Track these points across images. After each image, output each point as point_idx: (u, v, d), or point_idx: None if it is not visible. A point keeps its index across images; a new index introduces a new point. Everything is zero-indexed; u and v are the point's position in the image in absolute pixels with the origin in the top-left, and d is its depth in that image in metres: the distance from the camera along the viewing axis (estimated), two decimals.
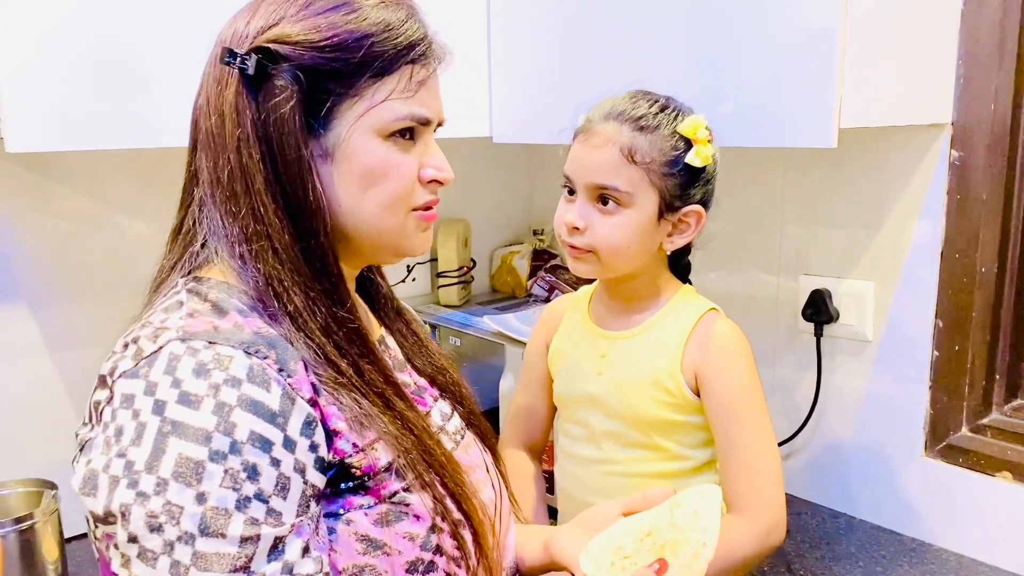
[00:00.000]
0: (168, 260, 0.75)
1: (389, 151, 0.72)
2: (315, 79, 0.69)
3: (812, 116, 0.99)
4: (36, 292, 1.27)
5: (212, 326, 0.66)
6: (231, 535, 0.59)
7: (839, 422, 1.35)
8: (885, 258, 1.27)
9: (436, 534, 0.70)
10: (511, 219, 1.89)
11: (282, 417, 0.63)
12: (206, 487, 0.59)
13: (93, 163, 1.29)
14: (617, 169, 0.96)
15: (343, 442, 0.67)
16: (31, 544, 1.09)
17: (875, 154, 1.25)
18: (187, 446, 0.60)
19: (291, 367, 0.65)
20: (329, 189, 0.71)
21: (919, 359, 1.25)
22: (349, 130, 0.70)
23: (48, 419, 1.28)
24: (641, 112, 0.97)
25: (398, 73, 0.71)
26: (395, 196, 0.73)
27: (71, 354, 1.30)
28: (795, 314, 1.37)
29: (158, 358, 0.63)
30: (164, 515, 0.59)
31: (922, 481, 1.27)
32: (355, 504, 0.68)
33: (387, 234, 0.74)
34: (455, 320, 1.60)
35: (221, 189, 0.70)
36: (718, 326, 1.01)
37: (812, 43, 0.97)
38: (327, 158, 0.70)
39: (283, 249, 0.69)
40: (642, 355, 1.02)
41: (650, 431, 1.02)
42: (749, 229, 1.42)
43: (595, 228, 0.98)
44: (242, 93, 0.69)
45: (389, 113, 0.71)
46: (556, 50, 1.28)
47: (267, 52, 0.68)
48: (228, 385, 0.62)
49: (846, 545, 1.27)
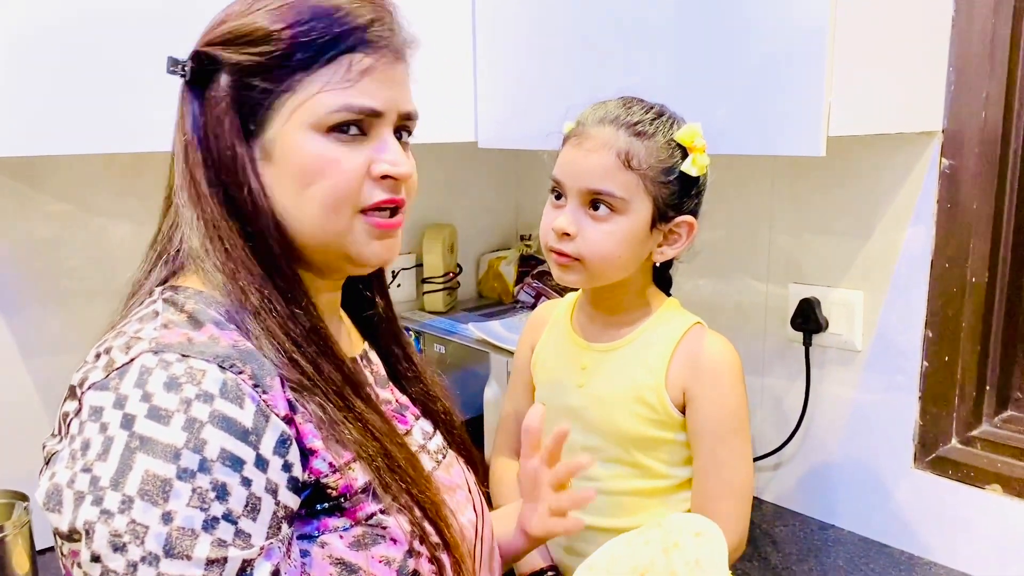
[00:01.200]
0: (144, 267, 0.74)
1: (326, 147, 0.68)
2: (244, 77, 0.68)
3: (800, 124, 0.97)
4: (9, 297, 1.24)
5: (186, 338, 0.63)
6: (197, 557, 0.57)
7: (828, 433, 1.34)
8: (875, 267, 1.25)
9: (413, 558, 0.68)
10: (498, 224, 1.87)
11: (255, 435, 0.61)
12: (172, 506, 0.57)
13: (71, 167, 1.26)
14: (612, 174, 0.94)
15: (319, 461, 0.65)
16: (1, 557, 1.06)
17: (865, 162, 1.24)
18: (154, 463, 0.57)
19: (267, 383, 0.63)
20: (270, 190, 0.69)
21: (909, 369, 1.23)
22: (283, 127, 0.68)
23: (21, 428, 1.25)
24: (637, 118, 0.95)
25: (334, 64, 0.67)
26: (335, 194, 0.68)
27: (46, 361, 1.27)
28: (784, 323, 1.35)
29: (129, 370, 0.61)
30: (128, 534, 0.56)
31: (911, 493, 1.25)
32: (330, 526, 0.66)
33: (332, 237, 0.70)
34: (440, 327, 1.58)
35: (183, 199, 0.70)
36: (709, 342, 0.99)
37: (800, 49, 0.96)
38: (267, 158, 0.69)
39: (232, 249, 0.68)
40: (624, 369, 1.00)
41: (630, 447, 1.00)
42: (738, 237, 1.40)
43: (586, 234, 0.95)
44: (185, 99, 0.70)
45: (322, 106, 0.67)
46: (542, 55, 1.26)
47: (201, 56, 0.69)
48: (200, 400, 0.59)
49: (834, 558, 1.26)
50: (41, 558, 1.15)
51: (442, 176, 1.73)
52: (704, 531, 0.74)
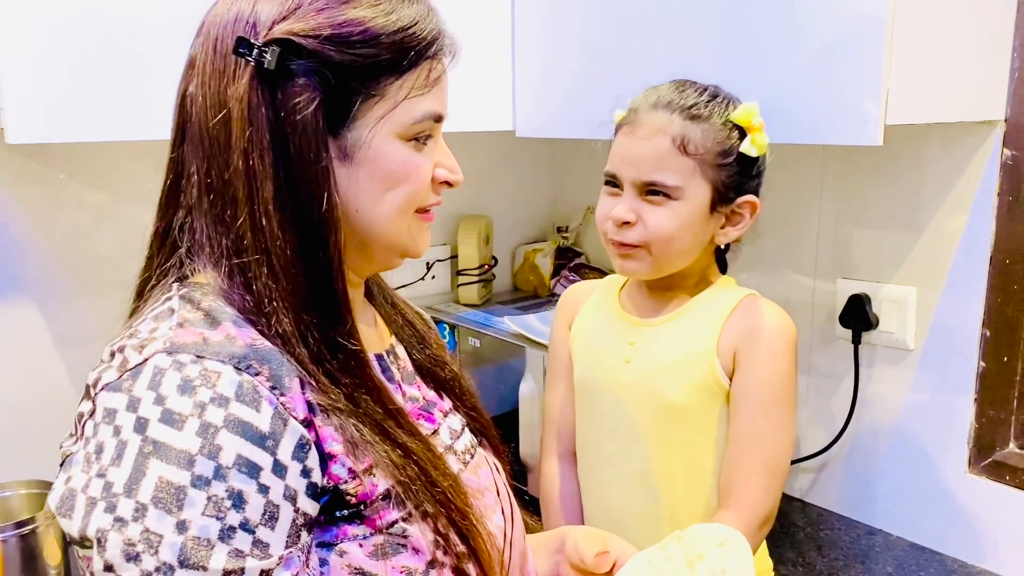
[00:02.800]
0: (152, 268, 0.70)
1: (409, 153, 0.68)
2: (340, 77, 0.63)
3: (857, 112, 0.93)
4: (43, 287, 1.24)
5: (202, 338, 0.60)
6: (213, 568, 0.55)
7: (877, 434, 1.29)
8: (929, 262, 1.20)
9: (436, 569, 0.65)
10: (534, 216, 1.84)
11: (272, 440, 0.58)
12: (187, 515, 0.55)
13: (104, 154, 1.26)
14: (667, 161, 0.92)
15: (338, 467, 0.62)
16: (33, 548, 1.06)
17: (920, 152, 1.19)
18: (168, 469, 0.55)
19: (285, 384, 0.60)
20: (345, 194, 0.66)
21: (964, 370, 1.18)
22: (371, 131, 0.65)
23: (53, 419, 1.24)
24: (691, 101, 0.93)
25: (417, 70, 0.66)
26: (410, 198, 0.69)
27: (79, 351, 1.27)
28: (832, 319, 1.30)
29: (142, 371, 0.59)
30: (142, 543, 0.54)
31: (965, 498, 1.20)
32: (350, 534, 0.63)
33: (398, 237, 0.70)
34: (474, 320, 1.55)
35: (214, 195, 0.64)
36: (765, 307, 0.97)
37: (858, 34, 0.92)
38: (346, 160, 0.65)
39: (281, 266, 0.63)
40: (675, 339, 0.98)
41: (678, 422, 0.97)
42: (785, 229, 1.36)
43: (646, 220, 0.93)
44: (256, 89, 0.62)
45: (409, 113, 0.66)
46: (584, 41, 1.23)
47: (289, 45, 0.62)
48: (215, 404, 0.57)
49: (883, 564, 1.21)
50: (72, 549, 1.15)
51: (478, 166, 1.70)
52: (727, 540, 0.72)
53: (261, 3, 0.64)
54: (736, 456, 0.95)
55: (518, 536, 0.80)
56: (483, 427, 0.83)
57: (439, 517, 0.66)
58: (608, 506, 1.03)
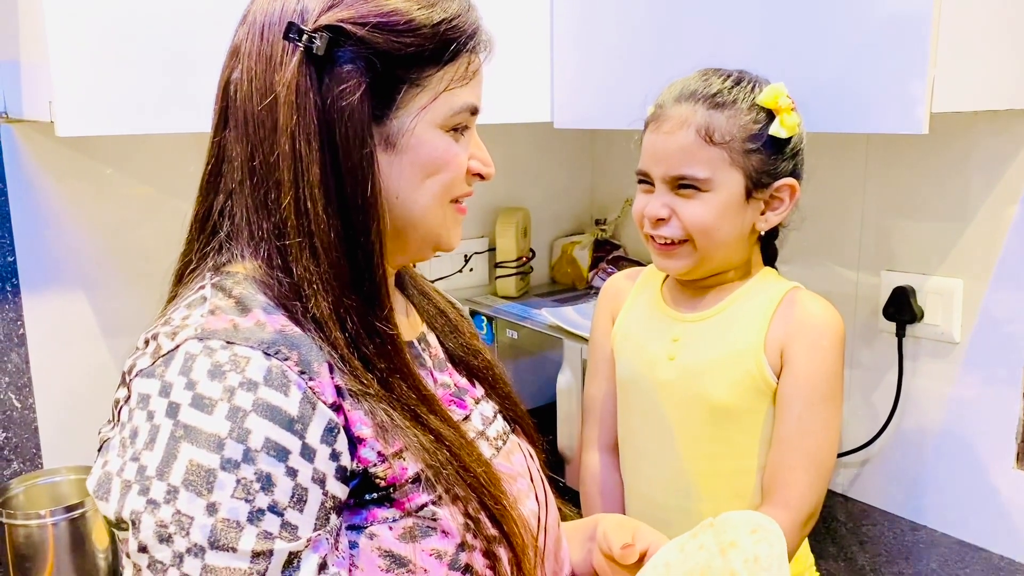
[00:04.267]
0: (192, 253, 0.71)
1: (448, 142, 0.69)
2: (386, 65, 0.64)
3: (901, 99, 0.92)
4: (92, 278, 1.26)
5: (232, 324, 0.62)
6: (242, 549, 0.56)
7: (921, 428, 1.26)
8: (976, 253, 1.17)
9: (466, 552, 0.66)
10: (572, 208, 1.84)
11: (300, 423, 0.59)
12: (217, 497, 0.56)
13: (149, 148, 1.28)
14: (694, 153, 0.91)
15: (367, 450, 0.63)
16: (81, 532, 1.08)
17: (967, 140, 1.16)
18: (199, 452, 0.57)
19: (314, 368, 0.61)
20: (386, 180, 0.67)
21: (1012, 363, 1.15)
22: (413, 120, 0.67)
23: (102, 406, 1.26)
24: (715, 88, 0.92)
25: (457, 62, 0.68)
26: (447, 187, 0.70)
27: (125, 340, 1.29)
28: (875, 312, 1.28)
29: (174, 357, 0.60)
30: (174, 525, 0.56)
31: (1014, 494, 1.17)
32: (379, 517, 0.64)
33: (434, 226, 0.71)
34: (512, 312, 1.55)
35: (257, 178, 0.65)
36: (813, 302, 0.96)
37: (903, 19, 0.90)
38: (388, 148, 0.67)
39: (324, 248, 0.64)
40: (721, 336, 0.97)
41: (722, 420, 0.96)
42: (827, 220, 1.34)
43: (680, 213, 0.93)
44: (304, 74, 0.63)
45: (449, 104, 0.68)
46: (621, 30, 1.22)
47: (339, 31, 0.63)
48: (243, 388, 0.58)
49: (927, 561, 1.19)
50: None
51: (515, 159, 1.71)
52: (760, 527, 0.71)
53: None
54: (782, 453, 0.94)
55: (552, 522, 0.80)
56: (517, 415, 0.84)
57: (470, 501, 0.66)
58: (649, 502, 1.02)
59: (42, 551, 1.06)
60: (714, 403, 0.95)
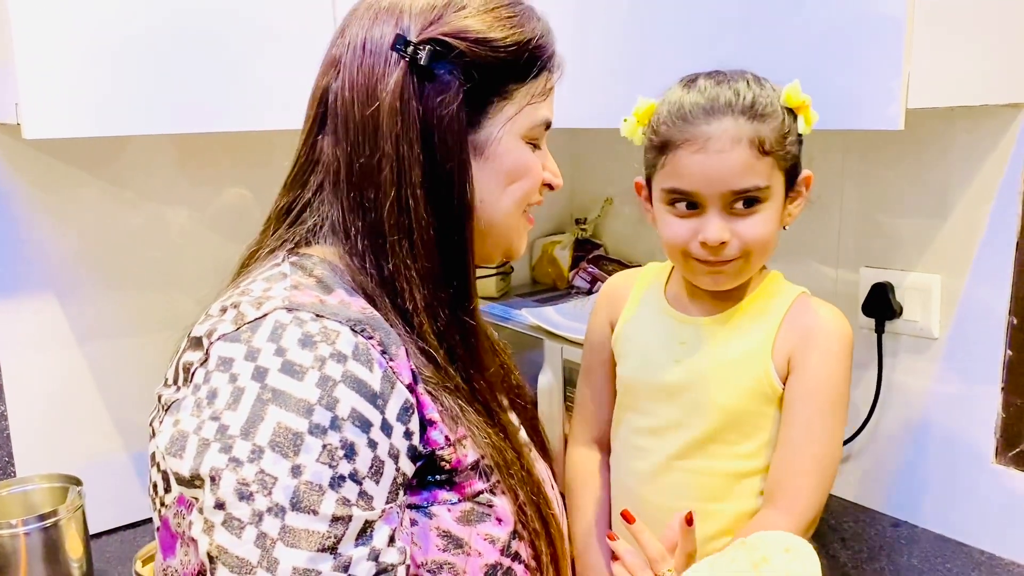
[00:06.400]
0: (268, 239, 0.74)
1: (529, 152, 0.75)
2: (481, 78, 0.70)
3: (876, 95, 0.92)
4: (64, 282, 1.25)
5: (319, 299, 0.65)
6: (323, 513, 0.58)
7: (901, 424, 1.27)
8: (954, 249, 1.18)
9: (517, 540, 0.69)
10: (552, 207, 1.83)
11: (382, 399, 0.62)
12: (303, 460, 0.58)
13: (122, 151, 1.26)
14: (752, 166, 0.88)
15: (436, 433, 0.66)
16: (55, 541, 1.07)
17: (944, 136, 1.17)
18: (287, 416, 0.58)
19: (393, 350, 0.65)
20: (476, 184, 0.72)
21: (990, 359, 1.16)
22: (501, 130, 0.72)
23: (74, 413, 1.26)
24: (749, 98, 0.89)
25: (538, 79, 0.75)
26: (526, 195, 0.76)
27: (101, 346, 1.28)
28: (855, 309, 1.28)
29: (262, 324, 0.63)
30: (256, 484, 0.57)
31: (992, 489, 1.18)
32: (440, 499, 0.67)
33: (509, 232, 0.77)
34: (493, 313, 1.54)
35: (358, 179, 0.69)
36: (822, 308, 0.96)
37: (878, 15, 0.90)
38: (477, 155, 0.71)
39: (423, 244, 0.68)
40: (730, 341, 0.96)
41: (728, 425, 0.95)
42: (806, 218, 1.32)
43: (740, 232, 0.91)
44: (407, 84, 0.68)
45: (531, 117, 0.74)
46: (601, 29, 1.22)
47: (442, 44, 0.68)
48: (334, 360, 0.61)
49: (908, 557, 1.19)
50: (95, 542, 1.16)
51: None
52: (793, 547, 0.72)
53: (406, 10, 0.70)
54: (787, 458, 0.93)
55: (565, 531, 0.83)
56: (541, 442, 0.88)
57: (521, 494, 0.70)
58: (639, 499, 1.02)
59: (14, 561, 1.05)
60: (719, 407, 0.95)
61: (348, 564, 0.58)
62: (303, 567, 0.57)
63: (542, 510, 0.72)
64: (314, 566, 0.57)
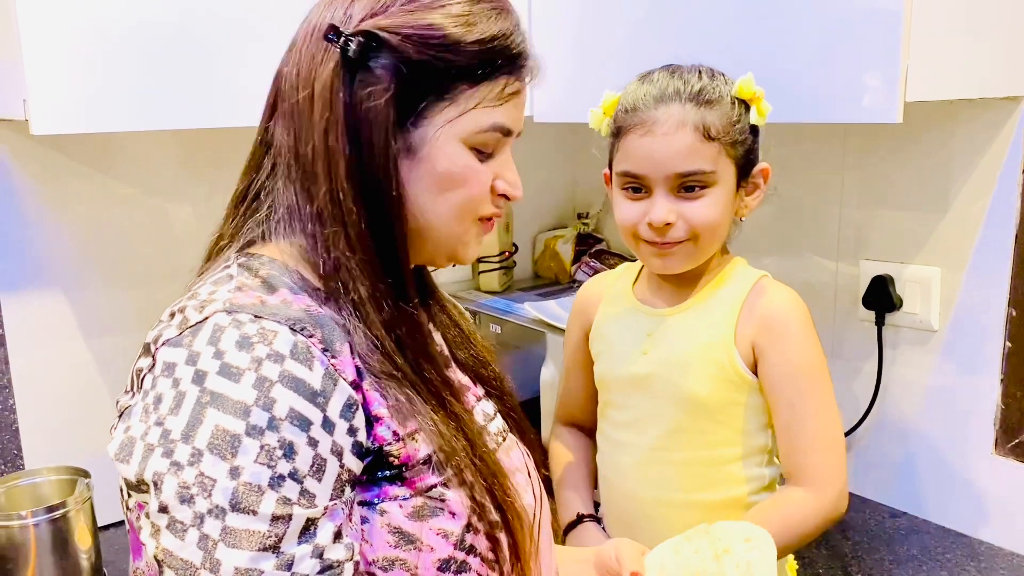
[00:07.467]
0: (228, 227, 0.74)
1: (470, 160, 0.71)
2: (415, 75, 0.67)
3: (875, 89, 0.92)
4: (71, 278, 1.26)
5: (259, 300, 0.65)
6: (262, 512, 0.58)
7: (901, 416, 1.28)
8: (953, 242, 1.19)
9: (471, 533, 0.68)
10: (554, 202, 1.84)
11: (323, 397, 0.61)
12: (240, 461, 0.58)
13: (129, 146, 1.27)
14: (696, 150, 0.91)
15: (383, 429, 0.65)
16: (64, 533, 1.08)
17: (943, 129, 1.17)
18: (224, 418, 0.59)
19: (336, 347, 0.64)
20: (406, 184, 0.70)
21: (990, 351, 1.17)
22: (437, 132, 0.69)
23: (82, 406, 1.27)
24: (697, 86, 0.92)
25: (492, 83, 0.70)
26: (467, 204, 0.72)
27: (107, 341, 1.29)
28: (855, 301, 1.29)
29: (202, 328, 0.62)
30: (196, 487, 0.58)
31: (992, 480, 1.19)
32: (390, 494, 0.66)
33: (449, 239, 0.73)
34: (496, 307, 1.55)
35: (300, 166, 0.68)
36: (773, 292, 0.97)
37: (876, 8, 0.91)
38: (410, 155, 0.69)
39: (357, 237, 0.67)
40: (692, 330, 0.97)
41: (700, 412, 0.96)
42: (806, 211, 1.35)
43: (686, 215, 0.93)
44: (338, 74, 0.67)
45: (475, 123, 0.70)
46: (599, 24, 1.22)
47: (373, 37, 0.66)
48: (270, 360, 0.60)
49: (908, 547, 1.20)
50: (104, 534, 1.17)
51: None
52: (753, 536, 0.74)
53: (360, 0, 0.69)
54: (788, 441, 0.95)
55: (545, 519, 0.82)
56: (521, 430, 0.86)
57: (476, 486, 0.69)
58: (626, 493, 1.03)
59: (24, 552, 1.06)
60: (689, 396, 0.96)
61: (291, 562, 0.59)
62: (245, 567, 0.57)
63: (499, 499, 0.70)
64: (256, 565, 0.58)
